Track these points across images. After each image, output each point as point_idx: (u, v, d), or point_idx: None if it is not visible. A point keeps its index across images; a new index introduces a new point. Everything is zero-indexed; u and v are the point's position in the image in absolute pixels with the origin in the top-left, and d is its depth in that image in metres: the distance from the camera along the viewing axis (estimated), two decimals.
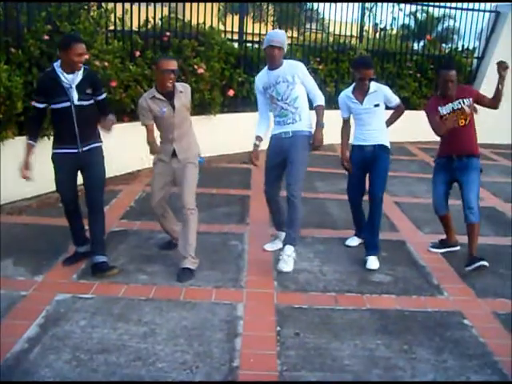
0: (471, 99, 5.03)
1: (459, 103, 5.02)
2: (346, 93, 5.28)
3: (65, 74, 4.32)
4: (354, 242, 5.60)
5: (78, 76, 4.35)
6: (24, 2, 6.77)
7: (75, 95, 4.34)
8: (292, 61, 4.99)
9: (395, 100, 5.27)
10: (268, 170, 5.12)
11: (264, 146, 5.11)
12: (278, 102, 4.87)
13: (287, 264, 4.69)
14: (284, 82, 4.80)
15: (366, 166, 5.17)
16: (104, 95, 4.67)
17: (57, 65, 4.36)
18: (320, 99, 4.92)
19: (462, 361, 3.61)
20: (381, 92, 5.12)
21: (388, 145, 5.18)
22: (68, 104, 4.35)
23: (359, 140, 5.22)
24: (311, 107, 4.97)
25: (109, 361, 3.39)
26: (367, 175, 5.24)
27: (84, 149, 4.50)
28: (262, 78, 5.01)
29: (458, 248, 5.51)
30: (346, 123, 5.39)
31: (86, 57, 4.44)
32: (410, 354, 3.65)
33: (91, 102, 4.49)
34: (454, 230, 5.52)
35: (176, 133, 4.71)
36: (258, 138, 5.11)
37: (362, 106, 5.11)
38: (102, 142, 4.69)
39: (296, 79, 4.80)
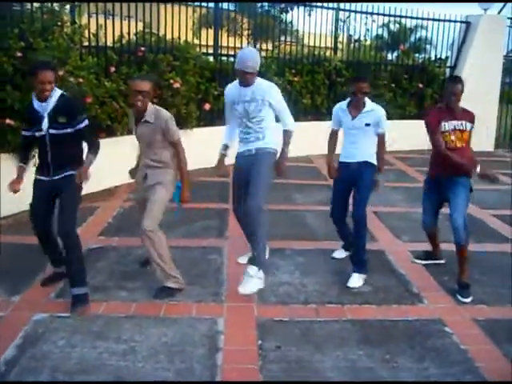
0: (472, 125, 4.97)
1: (462, 125, 4.92)
2: (341, 105, 5.16)
3: (37, 101, 4.22)
4: (342, 254, 5.51)
5: (50, 104, 4.20)
6: None
7: (45, 123, 4.20)
8: (265, 82, 4.77)
9: (382, 129, 5.03)
10: (234, 188, 5.00)
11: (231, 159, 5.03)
12: (244, 119, 4.74)
13: (246, 285, 4.45)
14: (253, 101, 4.65)
15: (351, 184, 5.06)
16: (83, 124, 4.32)
17: (34, 93, 4.27)
18: (289, 124, 4.78)
19: (444, 368, 3.63)
20: (376, 113, 4.97)
21: (374, 162, 5.06)
22: (43, 133, 4.24)
23: (344, 157, 5.13)
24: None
25: (89, 381, 3.34)
26: (350, 192, 5.13)
27: (55, 177, 4.35)
28: (231, 91, 4.85)
29: (443, 261, 5.44)
30: (333, 134, 5.32)
31: (52, 85, 4.21)
32: (392, 364, 3.66)
33: (67, 130, 4.26)
34: (439, 245, 5.46)
35: (147, 157, 4.56)
36: (224, 147, 5.02)
37: (352, 122, 4.98)
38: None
39: (265, 102, 4.64)
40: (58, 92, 4.28)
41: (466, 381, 3.51)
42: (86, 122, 4.37)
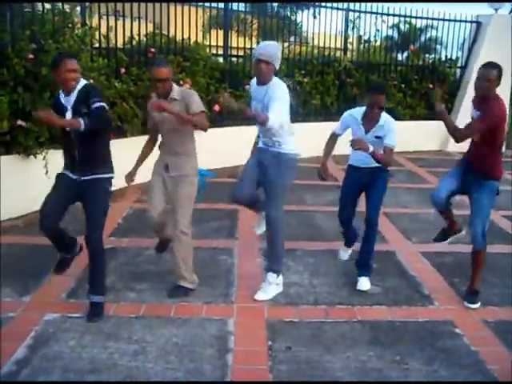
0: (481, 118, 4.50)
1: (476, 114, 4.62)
2: (355, 115, 4.86)
3: (63, 96, 4.12)
4: (346, 253, 5.40)
5: (73, 97, 4.08)
6: (7, 21, 6.76)
7: (68, 115, 4.05)
8: (278, 83, 4.43)
9: (389, 141, 4.68)
10: (245, 172, 4.76)
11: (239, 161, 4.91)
12: None
13: (265, 293, 4.59)
14: (261, 103, 4.37)
15: (362, 186, 4.92)
16: (96, 104, 3.97)
17: (61, 86, 4.14)
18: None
19: (454, 370, 3.62)
20: (387, 126, 4.70)
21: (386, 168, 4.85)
22: (68, 128, 4.07)
23: (356, 162, 4.93)
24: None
25: (99, 381, 3.35)
26: (360, 193, 5.00)
27: (83, 178, 4.17)
28: (252, 85, 4.63)
29: (463, 232, 5.19)
30: (333, 137, 5.07)
31: (78, 75, 4.12)
32: (402, 365, 3.65)
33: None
34: (454, 218, 5.14)
35: (168, 144, 4.54)
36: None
37: (366, 135, 4.72)
38: (110, 172, 4.31)
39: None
40: (81, 82, 4.14)
41: (476, 381, 3.51)
42: (98, 104, 3.99)
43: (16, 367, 3.46)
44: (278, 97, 4.27)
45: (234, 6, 10.97)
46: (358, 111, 4.86)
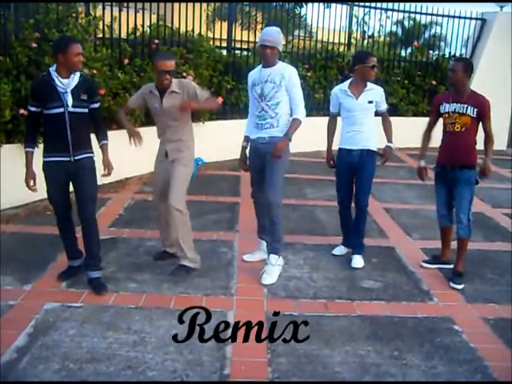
0: (477, 110, 4.72)
1: (464, 108, 4.77)
2: (341, 87, 5.22)
3: (60, 78, 4.18)
4: (341, 251, 5.53)
5: (74, 81, 4.22)
6: (12, 10, 6.75)
7: (70, 100, 4.18)
8: (287, 65, 4.81)
9: (384, 106, 5.22)
10: (251, 172, 5.05)
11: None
12: (261, 101, 4.74)
13: (271, 276, 4.77)
14: (271, 82, 4.67)
15: (353, 170, 5.16)
16: (98, 104, 4.47)
17: (52, 69, 4.22)
18: (300, 113, 4.69)
19: (453, 366, 3.62)
20: (377, 91, 5.12)
21: (375, 149, 5.15)
22: (62, 110, 4.18)
23: (346, 143, 5.16)
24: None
25: (98, 370, 3.36)
26: (353, 176, 5.23)
27: (76, 158, 4.30)
28: (254, 74, 4.89)
29: (451, 266, 5.19)
30: (333, 119, 5.37)
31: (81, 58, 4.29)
32: (401, 360, 3.66)
33: (86, 109, 4.32)
34: (449, 247, 5.27)
35: (168, 133, 4.69)
36: (246, 139, 5.03)
37: (356, 102, 5.05)
38: (93, 153, 4.47)
39: (282, 83, 4.64)
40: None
41: (474, 381, 3.51)
42: (98, 104, 4.53)
43: (16, 355, 3.47)
44: (296, 85, 4.72)
45: None
46: (343, 84, 5.27)
